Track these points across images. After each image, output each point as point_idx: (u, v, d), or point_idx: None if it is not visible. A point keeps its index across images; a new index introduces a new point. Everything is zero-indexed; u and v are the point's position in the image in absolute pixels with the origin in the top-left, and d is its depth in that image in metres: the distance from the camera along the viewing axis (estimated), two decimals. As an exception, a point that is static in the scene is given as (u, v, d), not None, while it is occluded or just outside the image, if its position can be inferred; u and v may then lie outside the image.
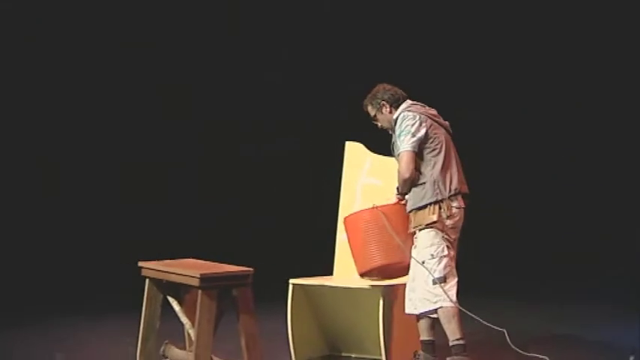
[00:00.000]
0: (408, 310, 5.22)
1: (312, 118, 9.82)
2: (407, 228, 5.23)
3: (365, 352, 5.90)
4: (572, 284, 8.92)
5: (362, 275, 5.41)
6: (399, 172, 5.15)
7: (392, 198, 5.38)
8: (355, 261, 5.40)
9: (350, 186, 6.07)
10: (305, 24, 10.04)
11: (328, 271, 6.02)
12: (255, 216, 9.91)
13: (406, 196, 5.23)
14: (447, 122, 5.31)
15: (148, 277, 5.20)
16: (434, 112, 5.30)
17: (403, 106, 5.27)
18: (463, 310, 5.14)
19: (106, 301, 7.95)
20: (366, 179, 6.04)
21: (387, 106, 5.31)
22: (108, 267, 8.56)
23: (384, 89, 5.36)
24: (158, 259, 5.28)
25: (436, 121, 5.24)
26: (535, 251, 9.80)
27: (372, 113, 5.37)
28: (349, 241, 5.45)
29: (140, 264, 5.23)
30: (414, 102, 5.32)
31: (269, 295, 5.95)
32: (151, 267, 5.18)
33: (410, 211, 5.20)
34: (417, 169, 5.13)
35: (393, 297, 5.52)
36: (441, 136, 5.20)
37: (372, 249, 5.26)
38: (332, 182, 6.28)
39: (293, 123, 9.85)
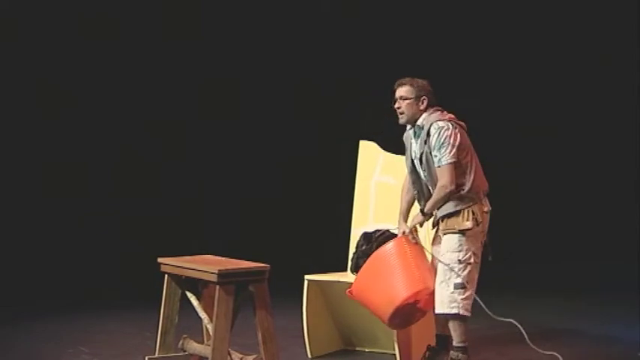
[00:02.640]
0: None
1: (326, 117, 9.87)
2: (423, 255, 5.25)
3: (379, 347, 5.98)
4: (573, 282, 8.95)
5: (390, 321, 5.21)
6: (442, 186, 5.04)
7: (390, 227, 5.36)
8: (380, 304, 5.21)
9: (364, 184, 6.15)
10: (305, 24, 10.08)
11: (342, 267, 6.11)
12: (270, 214, 9.96)
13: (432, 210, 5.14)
14: (463, 123, 5.27)
15: (167, 273, 5.27)
16: (452, 116, 5.24)
17: (434, 115, 5.15)
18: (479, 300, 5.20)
19: (126, 297, 8.02)
20: (379, 177, 6.13)
21: (425, 104, 5.18)
22: (127, 263, 8.61)
23: (429, 88, 5.23)
24: (175, 255, 5.38)
25: (460, 125, 5.19)
26: (534, 249, 9.81)
27: (408, 95, 5.17)
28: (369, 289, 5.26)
29: (159, 260, 5.30)
30: (439, 109, 5.23)
31: (284, 291, 6.02)
32: (169, 263, 5.26)
33: (441, 218, 5.14)
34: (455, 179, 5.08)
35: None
36: (467, 139, 5.19)
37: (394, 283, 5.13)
38: (346, 180, 6.39)
39: (306, 123, 9.89)
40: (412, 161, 5.28)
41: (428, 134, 5.10)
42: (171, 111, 9.85)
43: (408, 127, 5.29)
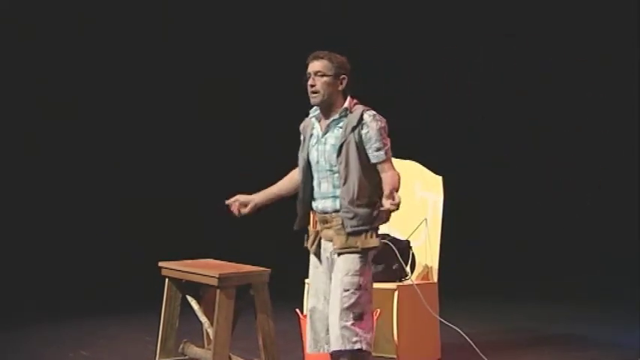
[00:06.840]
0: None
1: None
2: None
3: (380, 351, 5.93)
4: (571, 284, 8.95)
5: None
6: (397, 181, 4.17)
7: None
8: None
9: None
10: (305, 24, 10.06)
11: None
12: (270, 214, 9.93)
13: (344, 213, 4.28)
14: None
15: (168, 277, 5.28)
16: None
17: (359, 105, 4.35)
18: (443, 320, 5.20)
19: (126, 301, 8.03)
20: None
21: (344, 84, 4.34)
22: (127, 267, 8.62)
23: (349, 66, 4.40)
24: (176, 259, 5.38)
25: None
26: (528, 251, 9.80)
27: (326, 72, 4.33)
28: None
29: (160, 264, 5.30)
30: (357, 101, 4.40)
31: (285, 295, 6.02)
32: (170, 267, 5.27)
33: (352, 232, 4.26)
34: (372, 184, 4.28)
35: (408, 296, 5.61)
36: None
37: None
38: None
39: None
40: (308, 154, 4.47)
41: (360, 122, 4.25)
42: (172, 111, 9.85)
43: (312, 112, 4.46)
